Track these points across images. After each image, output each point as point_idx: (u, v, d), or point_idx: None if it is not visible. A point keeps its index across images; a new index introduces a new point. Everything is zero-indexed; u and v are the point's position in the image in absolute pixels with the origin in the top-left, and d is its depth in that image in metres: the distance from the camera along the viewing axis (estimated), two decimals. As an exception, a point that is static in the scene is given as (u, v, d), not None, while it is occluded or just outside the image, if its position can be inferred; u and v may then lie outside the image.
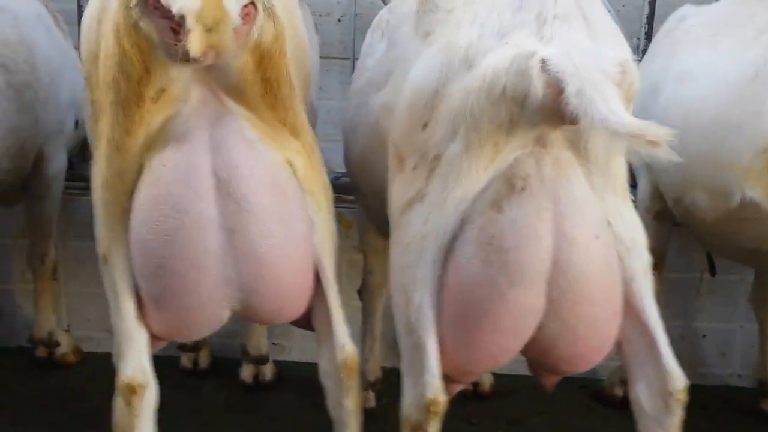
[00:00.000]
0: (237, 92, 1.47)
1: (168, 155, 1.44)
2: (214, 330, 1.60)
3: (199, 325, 1.56)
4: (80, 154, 2.69)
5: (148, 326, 1.54)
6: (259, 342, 2.51)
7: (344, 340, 1.60)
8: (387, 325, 2.17)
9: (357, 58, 2.25)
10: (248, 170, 1.46)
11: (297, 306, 1.60)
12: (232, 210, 1.45)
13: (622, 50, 1.44)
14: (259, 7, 1.40)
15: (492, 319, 1.43)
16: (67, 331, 2.77)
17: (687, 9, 2.32)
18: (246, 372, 2.54)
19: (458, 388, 1.60)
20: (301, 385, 2.55)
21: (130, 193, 1.48)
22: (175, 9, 1.29)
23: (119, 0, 1.37)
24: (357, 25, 2.86)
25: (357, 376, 1.64)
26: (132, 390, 1.48)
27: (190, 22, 1.25)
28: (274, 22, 1.43)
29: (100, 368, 2.65)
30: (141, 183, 1.47)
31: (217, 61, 1.35)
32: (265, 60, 1.44)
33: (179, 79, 1.43)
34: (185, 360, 2.66)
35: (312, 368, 1.61)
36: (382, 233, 2.06)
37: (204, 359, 2.67)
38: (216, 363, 2.69)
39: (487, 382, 2.52)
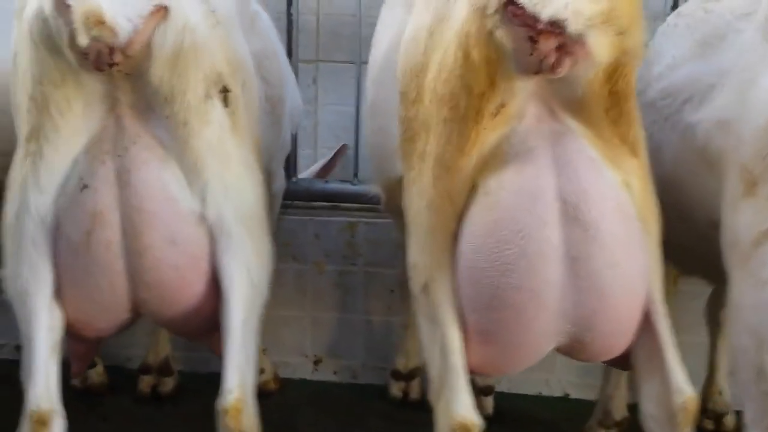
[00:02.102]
0: (578, 107, 1.34)
1: (508, 177, 1.32)
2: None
3: (522, 361, 1.43)
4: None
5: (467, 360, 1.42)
6: (489, 371, 2.36)
7: (682, 383, 1.42)
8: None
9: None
10: (596, 193, 1.32)
11: (627, 342, 1.44)
12: (577, 237, 1.32)
13: None
14: None
15: None
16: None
17: None
18: (467, 404, 2.39)
19: None
20: (516, 419, 2.38)
21: (459, 216, 1.37)
22: (546, 15, 1.18)
23: (473, 8, 1.26)
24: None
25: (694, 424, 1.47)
26: (467, 430, 1.36)
27: (583, 24, 1.13)
28: (633, 28, 1.30)
29: (299, 396, 2.56)
30: (473, 206, 1.35)
31: (582, 73, 1.23)
32: (618, 71, 1.31)
33: (520, 93, 1.32)
34: (395, 389, 2.51)
35: (523, 400, 1.43)
36: (671, 259, 1.90)
37: (415, 389, 2.52)
38: (426, 393, 2.54)
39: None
